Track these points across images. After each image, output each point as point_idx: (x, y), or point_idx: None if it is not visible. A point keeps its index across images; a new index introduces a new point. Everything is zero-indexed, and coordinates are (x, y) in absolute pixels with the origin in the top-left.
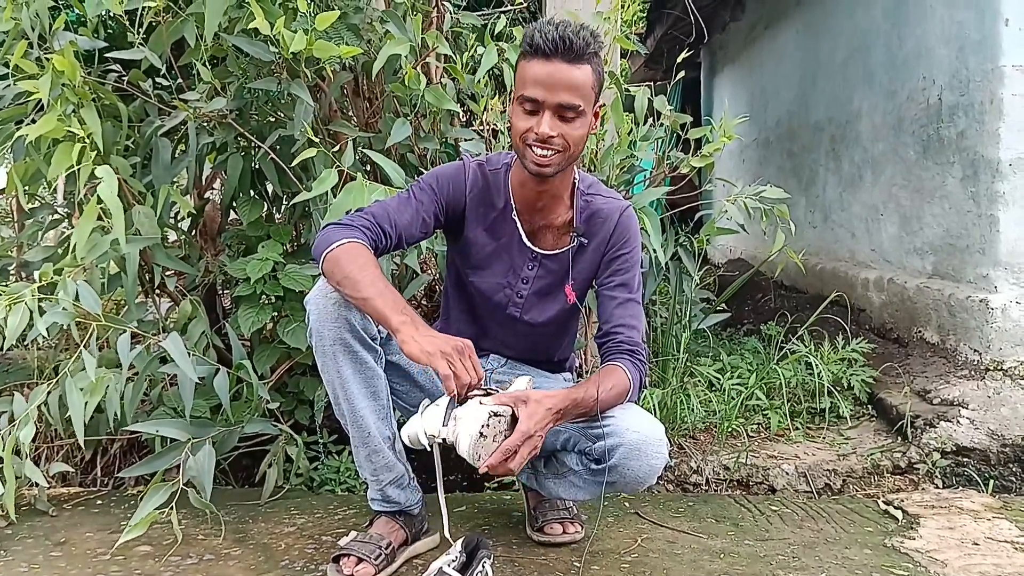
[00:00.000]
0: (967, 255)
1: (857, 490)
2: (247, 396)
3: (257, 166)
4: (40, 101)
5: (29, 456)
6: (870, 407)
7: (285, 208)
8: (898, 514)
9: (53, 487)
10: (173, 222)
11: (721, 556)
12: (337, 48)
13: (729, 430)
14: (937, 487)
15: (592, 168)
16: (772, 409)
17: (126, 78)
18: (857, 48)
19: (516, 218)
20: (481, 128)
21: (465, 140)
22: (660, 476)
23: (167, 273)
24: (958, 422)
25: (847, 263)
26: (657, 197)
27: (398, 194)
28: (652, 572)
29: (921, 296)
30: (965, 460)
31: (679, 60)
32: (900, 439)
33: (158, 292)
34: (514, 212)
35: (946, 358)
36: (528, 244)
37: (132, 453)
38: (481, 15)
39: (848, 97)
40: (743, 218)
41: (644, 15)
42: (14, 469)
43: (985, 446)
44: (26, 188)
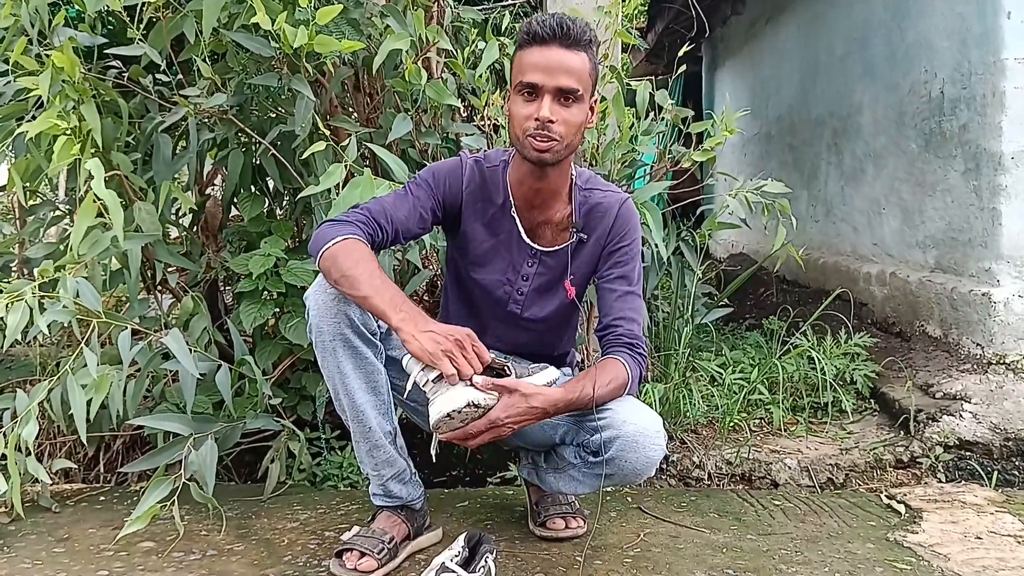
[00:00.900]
0: (969, 249)
1: (860, 484)
2: (249, 392)
3: (258, 162)
4: (40, 97)
5: (32, 453)
6: (872, 401)
7: (286, 204)
8: (901, 508)
9: (56, 483)
10: (174, 218)
11: (724, 551)
12: (338, 43)
13: (731, 425)
14: (940, 481)
15: (593, 162)
16: (774, 404)
17: (126, 74)
18: (858, 41)
19: (515, 214)
20: (482, 123)
21: (466, 135)
22: (662, 470)
23: (169, 269)
24: (961, 416)
25: (849, 257)
26: (659, 192)
27: (394, 191)
28: (655, 567)
29: (923, 290)
30: (968, 454)
31: (680, 54)
32: (903, 433)
33: (160, 288)
34: (513, 208)
35: (948, 352)
36: (527, 241)
37: (135, 449)
38: (481, 10)
39: (849, 91)
40: (745, 213)
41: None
42: (17, 466)
43: (988, 440)
44: (27, 185)
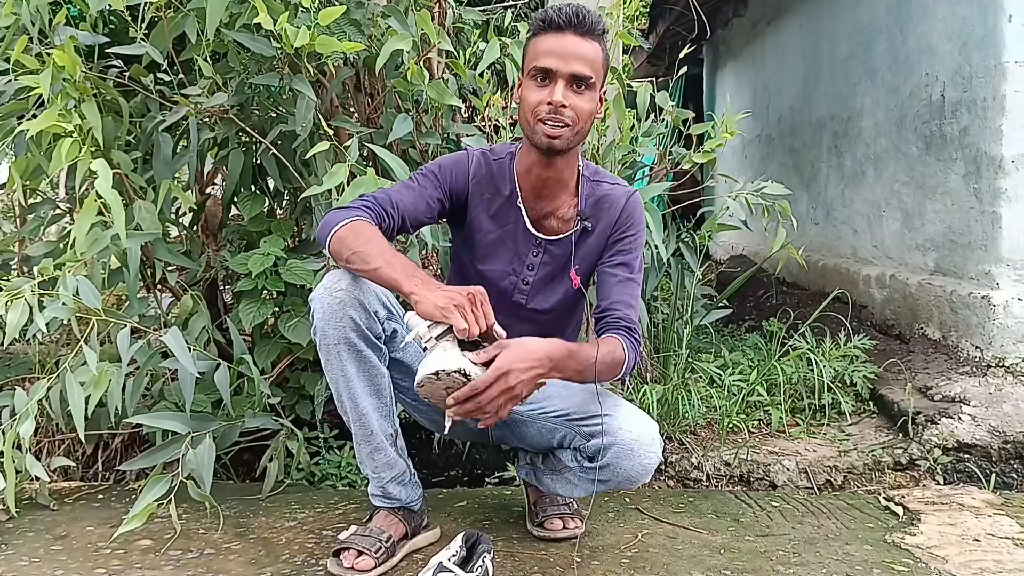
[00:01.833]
0: (969, 251)
1: (858, 486)
2: (248, 391)
3: (258, 161)
4: (41, 96)
5: (30, 450)
6: (871, 403)
7: (286, 203)
8: (899, 510)
9: (54, 481)
10: (174, 217)
11: (722, 552)
12: (340, 43)
13: (730, 426)
14: (938, 483)
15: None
16: (773, 405)
17: (127, 73)
18: (860, 44)
19: (521, 205)
20: (483, 124)
21: (467, 136)
22: (661, 472)
23: (168, 268)
24: (960, 418)
25: (849, 259)
26: (659, 193)
27: (401, 182)
28: (652, 567)
29: (923, 292)
30: (966, 456)
31: (681, 56)
32: (901, 435)
33: (159, 287)
34: (519, 199)
35: (948, 355)
36: (533, 231)
37: (133, 448)
38: (483, 11)
39: (850, 93)
40: (745, 214)
41: (646, 11)
42: (15, 463)
43: (987, 443)
44: (27, 183)
